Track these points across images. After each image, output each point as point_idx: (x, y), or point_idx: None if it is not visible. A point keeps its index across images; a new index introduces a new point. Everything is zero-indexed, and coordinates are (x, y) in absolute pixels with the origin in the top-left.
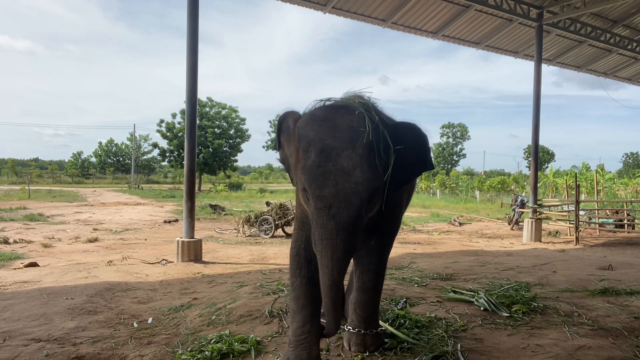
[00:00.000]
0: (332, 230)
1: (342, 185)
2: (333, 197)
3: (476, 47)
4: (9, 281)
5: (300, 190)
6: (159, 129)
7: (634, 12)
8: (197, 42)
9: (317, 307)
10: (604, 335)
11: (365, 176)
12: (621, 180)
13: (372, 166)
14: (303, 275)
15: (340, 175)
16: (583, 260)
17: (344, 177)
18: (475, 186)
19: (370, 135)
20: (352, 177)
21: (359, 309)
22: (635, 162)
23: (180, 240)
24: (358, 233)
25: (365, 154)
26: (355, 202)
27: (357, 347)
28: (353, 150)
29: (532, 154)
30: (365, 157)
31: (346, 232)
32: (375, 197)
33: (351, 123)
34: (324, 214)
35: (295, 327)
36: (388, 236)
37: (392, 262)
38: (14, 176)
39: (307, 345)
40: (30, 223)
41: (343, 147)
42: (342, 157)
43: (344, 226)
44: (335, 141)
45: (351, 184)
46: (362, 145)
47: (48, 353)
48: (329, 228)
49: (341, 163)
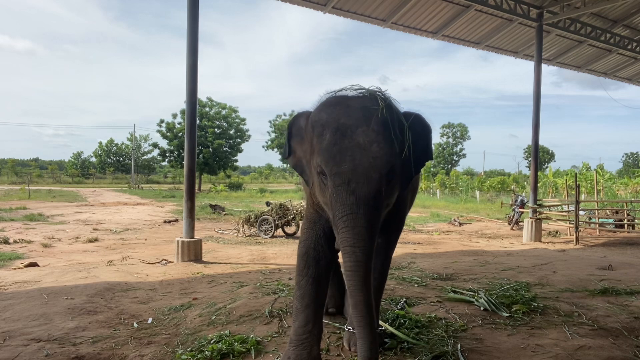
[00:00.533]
0: (353, 205)
1: (360, 160)
2: (351, 172)
3: (476, 47)
4: (9, 281)
5: (316, 181)
6: (159, 129)
7: (634, 12)
8: (197, 42)
9: (320, 307)
10: (604, 335)
11: (383, 151)
12: (621, 180)
13: (388, 141)
14: (310, 275)
15: (357, 151)
16: (583, 260)
17: (361, 152)
18: (475, 186)
19: (384, 113)
20: (369, 152)
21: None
22: (635, 162)
23: (180, 240)
24: (379, 209)
25: (381, 130)
26: (374, 176)
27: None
28: (368, 126)
29: (532, 154)
30: (381, 133)
31: (367, 207)
32: (394, 176)
33: (364, 103)
34: (343, 190)
35: (297, 326)
36: (394, 234)
37: (392, 262)
38: (14, 176)
39: (308, 345)
40: (30, 223)
41: (357, 124)
42: (358, 134)
43: (365, 200)
44: (350, 120)
45: (369, 159)
46: (377, 121)
47: (48, 353)
48: (349, 203)
49: (357, 139)
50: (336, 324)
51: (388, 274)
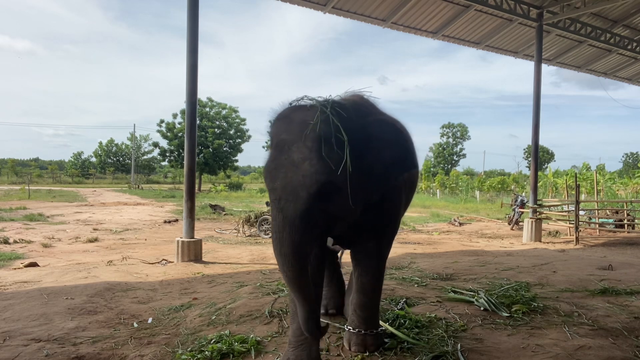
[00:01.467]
0: (280, 224)
1: (291, 178)
2: (282, 189)
3: (476, 47)
4: (9, 281)
5: None
6: (159, 129)
7: (634, 12)
8: (197, 42)
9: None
10: (604, 335)
11: (314, 169)
12: (621, 180)
13: (322, 159)
14: None
15: (290, 168)
16: (583, 260)
17: (293, 170)
18: (475, 186)
19: (320, 128)
20: (300, 169)
21: (359, 309)
22: (635, 162)
23: (180, 240)
24: (308, 228)
25: (315, 146)
26: (302, 194)
27: (357, 347)
28: (303, 143)
29: (532, 154)
30: (315, 150)
31: (292, 226)
32: (331, 191)
33: (305, 117)
34: (275, 207)
35: (294, 328)
36: (386, 237)
37: (392, 262)
38: (14, 176)
39: (307, 346)
40: (30, 223)
41: (294, 140)
42: (293, 150)
43: (290, 220)
44: (289, 135)
45: (299, 177)
46: (312, 138)
47: (48, 353)
48: (277, 221)
49: (292, 156)
50: (336, 324)
51: (384, 274)
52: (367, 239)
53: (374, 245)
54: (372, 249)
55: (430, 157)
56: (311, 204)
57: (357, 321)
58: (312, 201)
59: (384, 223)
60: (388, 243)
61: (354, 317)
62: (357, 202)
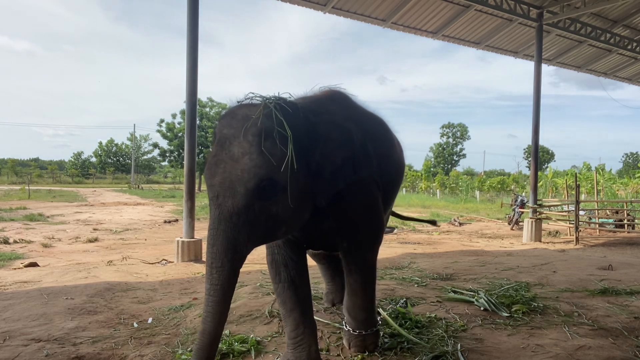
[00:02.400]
0: (215, 220)
1: (229, 173)
2: (220, 185)
3: (476, 47)
4: (9, 281)
5: None
6: (159, 129)
7: (634, 12)
8: (197, 42)
9: (306, 307)
10: (604, 335)
11: (253, 163)
12: (621, 180)
13: (262, 154)
14: (283, 281)
15: (229, 163)
16: (583, 260)
17: (232, 165)
18: (475, 186)
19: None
20: (239, 164)
21: (354, 312)
22: (635, 162)
23: (180, 240)
24: (245, 226)
25: (256, 141)
26: (240, 190)
27: (357, 348)
28: (244, 137)
29: (532, 154)
30: (255, 145)
31: (228, 223)
32: (272, 187)
33: (248, 113)
34: (212, 204)
35: (289, 330)
36: (365, 235)
37: (392, 262)
38: (14, 176)
39: (306, 346)
40: (30, 223)
41: (235, 135)
42: (234, 145)
43: (226, 216)
44: (230, 130)
45: (237, 172)
46: (252, 132)
47: (48, 353)
48: (213, 218)
49: (232, 151)
50: (336, 324)
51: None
52: (341, 241)
53: (351, 247)
54: (351, 250)
55: (430, 157)
56: (249, 200)
57: (355, 323)
58: (251, 197)
59: (352, 224)
60: (371, 240)
61: (351, 319)
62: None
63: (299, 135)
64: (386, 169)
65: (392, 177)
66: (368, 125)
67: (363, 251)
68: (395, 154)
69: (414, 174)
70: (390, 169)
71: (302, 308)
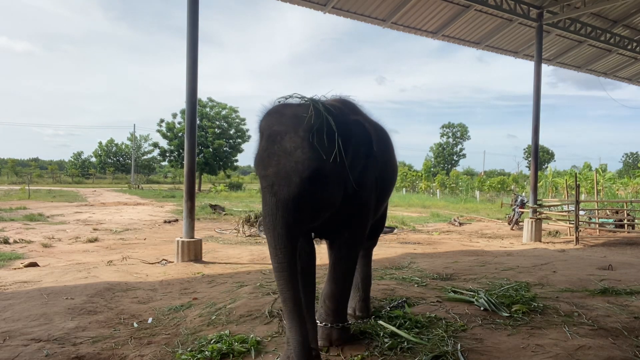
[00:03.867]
0: (273, 206)
1: (284, 164)
2: (275, 175)
3: (476, 47)
4: (9, 281)
5: None
6: (159, 129)
7: (634, 12)
8: (197, 42)
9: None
10: (604, 335)
11: (306, 156)
12: (621, 180)
13: (312, 147)
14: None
15: (282, 156)
16: (583, 260)
17: (286, 157)
18: (475, 186)
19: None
20: (293, 156)
21: (328, 300)
22: (635, 162)
23: (180, 240)
24: (300, 211)
25: (307, 136)
26: (295, 179)
27: (323, 341)
28: (295, 133)
29: (532, 154)
30: (306, 139)
31: (286, 209)
32: (322, 179)
33: (296, 111)
34: (268, 192)
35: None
36: (360, 227)
37: (392, 262)
38: (14, 176)
39: None
40: (30, 223)
41: (287, 131)
42: (285, 140)
43: (284, 202)
44: (281, 127)
45: (292, 163)
46: (304, 128)
47: (48, 353)
48: (271, 204)
49: (284, 145)
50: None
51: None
52: (343, 229)
53: (350, 236)
54: (348, 239)
55: (431, 157)
56: (303, 188)
57: (325, 314)
58: (304, 185)
59: (358, 213)
60: (362, 234)
61: (322, 309)
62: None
63: (341, 132)
64: (384, 172)
65: (388, 181)
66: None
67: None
68: (392, 159)
69: (414, 174)
70: (388, 173)
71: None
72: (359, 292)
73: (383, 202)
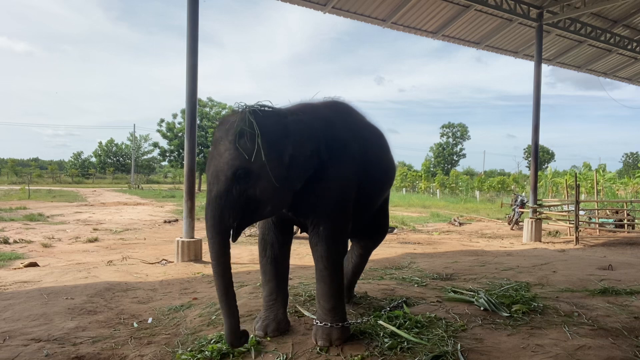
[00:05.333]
0: (207, 202)
1: (216, 165)
2: (211, 175)
3: (476, 47)
4: (9, 281)
5: None
6: (159, 129)
7: (634, 12)
8: (197, 42)
9: (282, 280)
10: (604, 335)
11: (231, 156)
12: (621, 180)
13: (237, 149)
14: (268, 256)
15: (217, 158)
16: (583, 260)
17: (218, 159)
18: (475, 186)
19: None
20: (223, 158)
21: (322, 299)
22: (635, 162)
23: (180, 240)
24: (228, 206)
25: (234, 139)
26: (222, 178)
27: (323, 341)
28: (227, 138)
29: (532, 154)
30: (233, 143)
31: (215, 203)
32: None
33: (233, 119)
34: (208, 189)
35: (264, 295)
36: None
37: (392, 262)
38: (14, 176)
39: (275, 309)
40: (30, 223)
41: (222, 137)
42: (220, 145)
43: (214, 197)
44: (220, 133)
45: (221, 164)
46: (232, 133)
47: (48, 353)
48: (207, 200)
49: (219, 149)
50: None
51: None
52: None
53: (324, 231)
54: (322, 234)
55: (430, 157)
56: (229, 185)
57: (323, 313)
58: (230, 183)
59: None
60: (337, 230)
61: (319, 308)
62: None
63: (268, 133)
64: (372, 172)
65: (377, 181)
66: (360, 131)
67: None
68: (384, 161)
69: (413, 173)
70: (378, 174)
71: (278, 281)
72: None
73: (372, 201)
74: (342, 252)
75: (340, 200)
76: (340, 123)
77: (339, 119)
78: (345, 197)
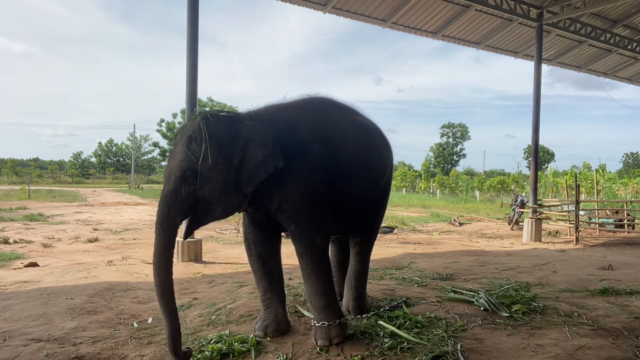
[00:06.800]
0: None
1: (170, 166)
2: (165, 175)
3: (476, 47)
4: (9, 281)
5: None
6: (159, 129)
7: (634, 12)
8: (197, 42)
9: (272, 278)
10: (604, 335)
11: (180, 159)
12: (621, 180)
13: (185, 152)
14: (253, 254)
15: (171, 160)
16: (583, 260)
17: (172, 161)
18: (475, 186)
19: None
20: (175, 160)
21: (312, 299)
22: (635, 162)
23: (180, 241)
24: (175, 204)
25: (185, 143)
26: (172, 178)
27: (323, 340)
28: (181, 142)
29: (532, 154)
30: (184, 146)
31: (164, 202)
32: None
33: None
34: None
35: (260, 294)
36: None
37: (392, 262)
38: (14, 176)
39: (274, 308)
40: (30, 223)
41: (178, 141)
42: (176, 148)
43: (164, 196)
44: (177, 137)
45: (173, 165)
46: (185, 138)
47: (48, 353)
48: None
49: (175, 152)
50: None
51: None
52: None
53: (295, 229)
54: (296, 232)
55: (431, 157)
56: (179, 185)
57: (317, 312)
58: (178, 182)
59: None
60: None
61: (312, 308)
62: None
63: (217, 137)
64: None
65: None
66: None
67: (307, 235)
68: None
69: (413, 173)
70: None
71: (270, 278)
72: (352, 291)
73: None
74: (320, 247)
75: (307, 200)
76: (304, 124)
77: (304, 119)
78: (312, 195)
